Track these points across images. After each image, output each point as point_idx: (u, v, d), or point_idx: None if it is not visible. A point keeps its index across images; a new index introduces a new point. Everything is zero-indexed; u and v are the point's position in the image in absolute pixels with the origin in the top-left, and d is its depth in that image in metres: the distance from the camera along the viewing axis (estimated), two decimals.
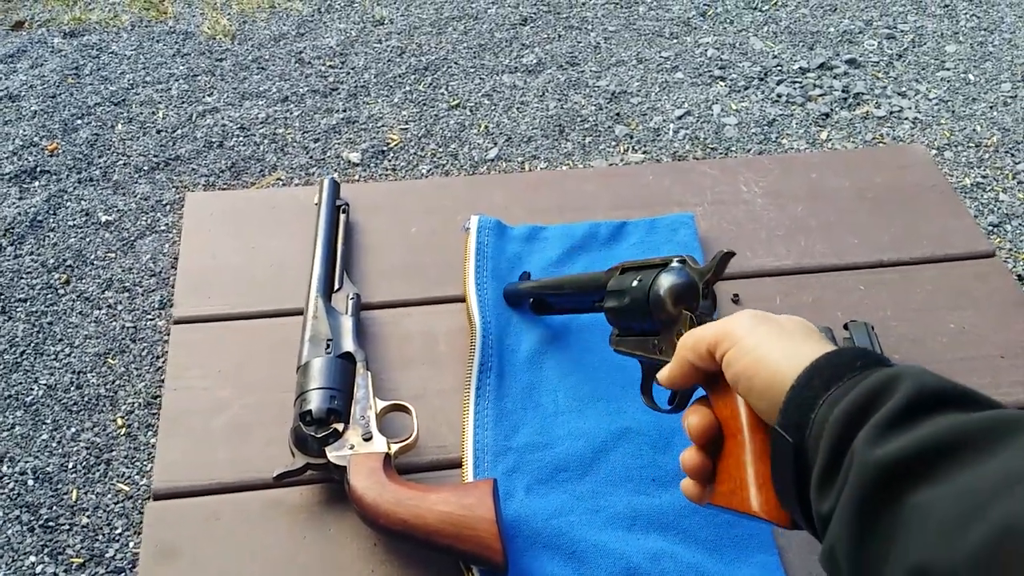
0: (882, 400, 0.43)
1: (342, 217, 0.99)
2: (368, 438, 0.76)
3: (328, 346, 0.83)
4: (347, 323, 0.86)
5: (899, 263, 0.99)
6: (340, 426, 0.76)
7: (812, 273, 0.96)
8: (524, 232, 0.98)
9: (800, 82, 2.57)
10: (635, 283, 0.64)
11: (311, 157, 2.34)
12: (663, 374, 0.58)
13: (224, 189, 2.23)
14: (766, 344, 0.50)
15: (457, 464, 0.79)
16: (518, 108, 2.51)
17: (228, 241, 0.99)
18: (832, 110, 2.49)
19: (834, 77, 2.60)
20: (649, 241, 0.97)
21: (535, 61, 2.66)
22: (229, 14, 2.80)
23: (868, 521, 0.41)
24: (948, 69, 2.67)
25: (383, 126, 2.45)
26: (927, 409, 0.41)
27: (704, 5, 2.87)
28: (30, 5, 2.83)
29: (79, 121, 2.38)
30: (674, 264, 0.62)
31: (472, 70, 2.64)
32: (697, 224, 0.99)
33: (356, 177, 2.30)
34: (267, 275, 0.95)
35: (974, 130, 2.45)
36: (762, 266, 0.97)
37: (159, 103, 2.46)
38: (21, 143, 2.30)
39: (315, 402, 0.76)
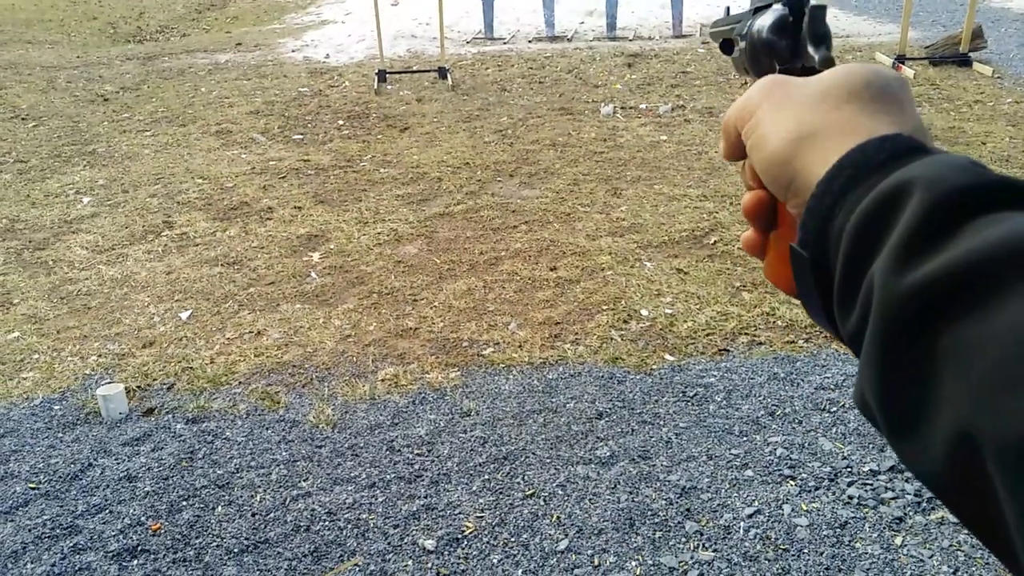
0: (895, 213, 0.36)
1: None
2: None
3: None
4: None
5: None
6: None
7: None
8: None
9: (871, 484, 2.60)
10: (745, 24, 0.57)
11: (389, 543, 2.45)
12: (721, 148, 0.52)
13: (304, 575, 2.33)
14: (768, 121, 0.45)
15: None
16: (590, 499, 2.60)
17: None
18: (906, 514, 2.47)
19: (906, 480, 2.61)
20: None
21: (608, 454, 2.80)
22: (334, 404, 3.12)
23: (898, 366, 0.34)
24: None
25: (460, 514, 2.56)
26: (957, 219, 0.34)
27: (772, 405, 3.02)
28: (162, 394, 3.24)
29: (184, 503, 2.61)
30: (774, 5, 0.54)
31: (548, 460, 2.79)
32: None
33: (429, 565, 2.37)
34: None
35: None
36: None
37: (258, 487, 2.69)
38: (129, 522, 2.52)
39: None
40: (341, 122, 6.71)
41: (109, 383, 3.22)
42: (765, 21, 0.53)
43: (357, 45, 9.36)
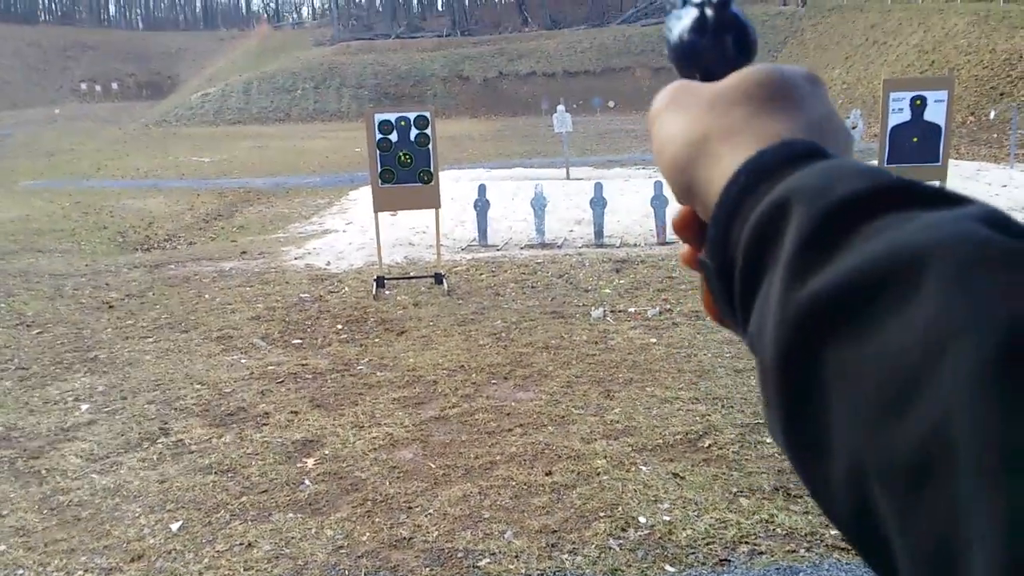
0: (781, 227, 0.36)
1: None
2: None
3: None
4: None
5: None
6: None
7: None
8: None
9: None
10: (668, 32, 0.52)
11: None
12: None
13: None
14: (667, 126, 0.45)
15: None
16: None
17: None
18: None
19: None
20: None
21: None
22: None
23: (792, 389, 0.33)
24: None
25: None
26: (844, 229, 0.33)
27: None
28: None
29: None
30: (690, 5, 0.49)
31: None
32: None
33: None
34: None
35: None
36: None
37: None
38: None
39: None
40: (340, 326, 6.88)
41: None
42: (686, 23, 0.49)
43: (357, 252, 9.76)
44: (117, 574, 3.39)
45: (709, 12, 0.47)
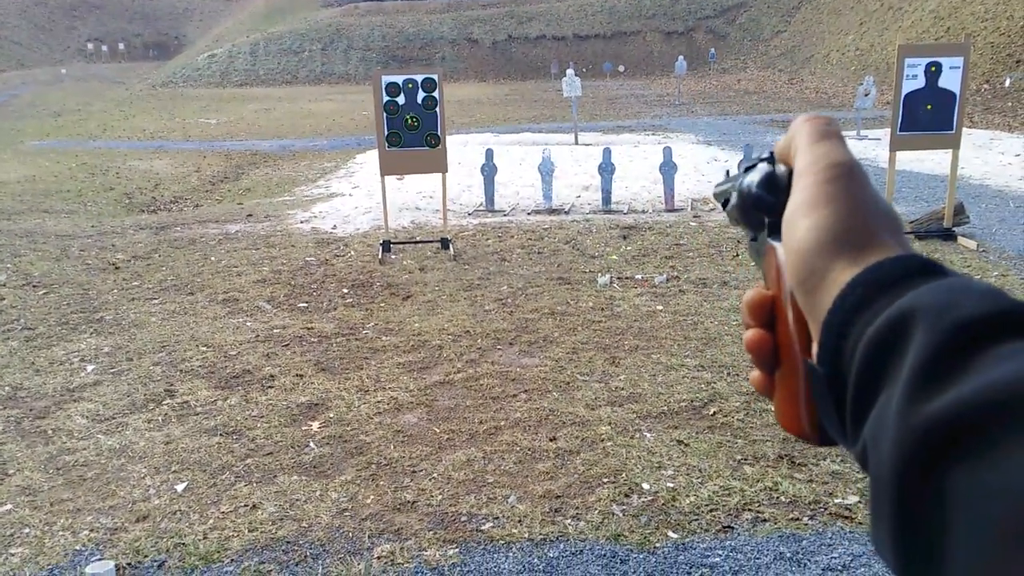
0: (902, 343, 0.36)
1: None
2: None
3: None
4: None
5: None
6: None
7: None
8: None
9: None
10: (738, 182, 0.59)
11: None
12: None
13: None
14: (827, 207, 0.46)
15: None
16: None
17: None
18: None
19: None
20: None
21: None
22: None
23: (909, 504, 0.33)
24: None
25: None
26: (969, 350, 0.33)
27: None
28: (153, 571, 3.15)
29: None
30: (761, 162, 0.56)
31: None
32: None
33: None
34: None
35: None
36: None
37: None
38: None
39: None
40: (345, 291, 6.87)
41: (99, 560, 3.15)
42: (754, 178, 0.56)
43: (363, 217, 9.72)
44: (122, 534, 3.41)
45: (781, 172, 0.52)
